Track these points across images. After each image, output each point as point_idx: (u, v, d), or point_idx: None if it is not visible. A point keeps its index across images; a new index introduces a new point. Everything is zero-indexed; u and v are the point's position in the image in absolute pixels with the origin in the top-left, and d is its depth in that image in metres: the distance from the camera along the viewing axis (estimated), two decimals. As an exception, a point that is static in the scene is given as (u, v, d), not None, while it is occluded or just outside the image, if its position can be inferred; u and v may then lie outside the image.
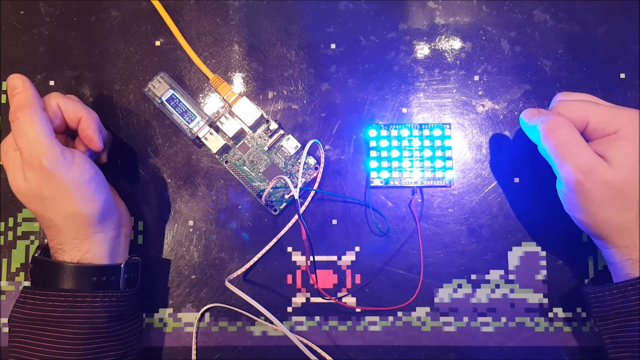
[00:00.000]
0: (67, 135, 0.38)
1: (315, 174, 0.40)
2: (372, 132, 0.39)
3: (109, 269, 0.35)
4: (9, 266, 0.40)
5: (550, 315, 0.39)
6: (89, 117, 0.36)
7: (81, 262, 0.34)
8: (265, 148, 0.40)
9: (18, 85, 0.34)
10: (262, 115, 0.40)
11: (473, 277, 0.39)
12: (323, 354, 0.39)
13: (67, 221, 0.34)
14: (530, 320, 0.39)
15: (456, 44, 0.41)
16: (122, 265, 0.36)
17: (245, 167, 0.40)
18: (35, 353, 0.33)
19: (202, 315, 0.40)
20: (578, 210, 0.33)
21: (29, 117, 0.33)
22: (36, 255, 0.35)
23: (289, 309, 0.40)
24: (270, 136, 0.40)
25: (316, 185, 0.40)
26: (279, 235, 0.40)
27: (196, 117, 0.39)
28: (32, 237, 0.40)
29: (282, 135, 0.40)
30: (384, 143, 0.40)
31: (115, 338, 0.35)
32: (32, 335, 0.33)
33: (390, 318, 0.39)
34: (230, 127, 0.40)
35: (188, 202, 0.40)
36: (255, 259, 0.39)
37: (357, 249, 0.40)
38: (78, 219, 0.34)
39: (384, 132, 0.40)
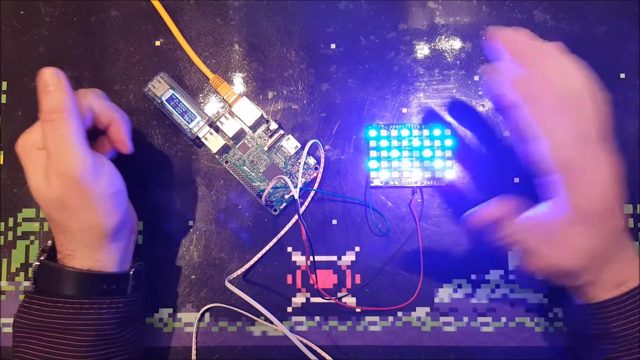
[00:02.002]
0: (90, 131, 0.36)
1: (315, 174, 0.40)
2: (372, 132, 0.39)
3: (119, 277, 0.35)
4: (9, 266, 0.40)
5: (550, 315, 0.39)
6: (121, 120, 0.35)
7: (91, 270, 0.33)
8: (265, 148, 0.40)
9: (53, 82, 0.31)
10: (262, 115, 0.40)
11: (473, 277, 0.39)
12: (323, 354, 0.39)
13: (84, 231, 0.33)
14: (530, 320, 0.39)
15: (456, 44, 0.41)
16: (131, 273, 0.35)
17: (245, 167, 0.40)
18: None
19: (202, 315, 0.40)
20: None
21: (64, 123, 0.31)
22: (42, 258, 0.34)
23: (289, 309, 0.40)
24: (270, 136, 0.40)
25: (316, 185, 0.40)
26: (279, 235, 0.40)
27: (196, 117, 0.39)
28: (32, 237, 0.40)
29: (282, 135, 0.40)
30: (384, 143, 0.40)
31: (121, 343, 0.34)
32: (38, 342, 0.33)
33: (390, 318, 0.39)
34: (230, 127, 0.40)
35: (188, 202, 0.40)
36: (255, 259, 0.39)
37: (357, 249, 0.40)
38: (96, 230, 0.33)
39: (384, 132, 0.40)
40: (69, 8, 0.42)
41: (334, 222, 0.40)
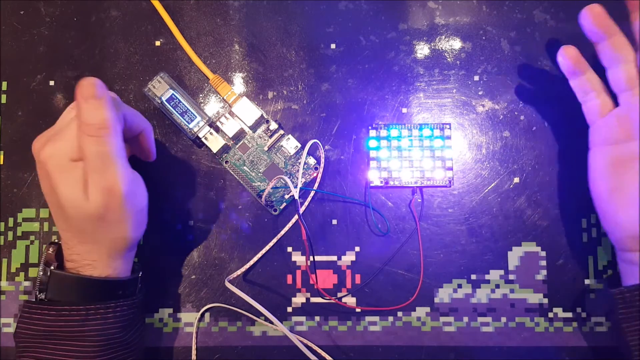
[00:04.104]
0: None
1: (315, 174, 0.40)
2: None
3: (130, 281, 0.35)
4: (9, 266, 0.40)
5: (550, 315, 0.39)
6: (150, 130, 0.35)
7: (109, 277, 0.33)
8: (265, 148, 0.40)
9: (96, 94, 0.30)
10: (262, 115, 0.40)
11: (473, 277, 0.40)
12: (323, 354, 0.39)
13: (113, 243, 0.33)
14: (530, 320, 0.39)
15: (456, 44, 0.41)
16: (139, 276, 0.36)
17: (245, 167, 0.40)
18: None
19: (202, 315, 0.40)
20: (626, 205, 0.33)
21: (110, 140, 0.30)
22: (52, 269, 0.33)
23: (289, 309, 0.40)
24: (270, 136, 0.40)
25: (316, 185, 0.40)
26: (279, 235, 0.40)
27: (196, 117, 0.39)
28: (32, 237, 0.40)
29: (282, 135, 0.40)
30: (384, 143, 0.40)
31: (127, 345, 0.34)
32: (43, 351, 0.32)
33: (390, 318, 0.39)
34: (230, 127, 0.40)
35: (188, 202, 0.40)
36: (255, 259, 0.39)
37: (357, 249, 0.40)
38: (124, 242, 0.33)
39: (383, 132, 0.40)
40: (69, 8, 0.42)
41: (334, 222, 0.40)
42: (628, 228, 0.34)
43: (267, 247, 0.39)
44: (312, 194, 0.40)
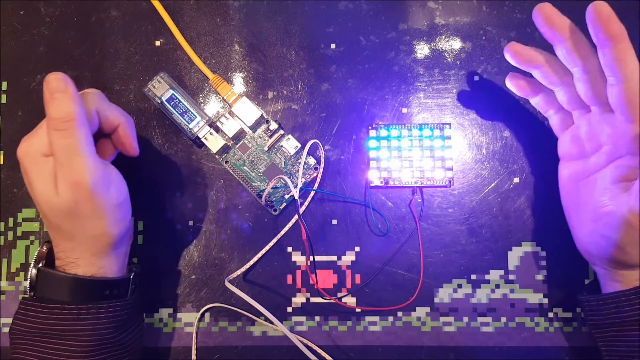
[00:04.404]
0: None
1: (315, 174, 0.40)
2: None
3: (121, 282, 0.35)
4: (9, 266, 0.40)
5: (550, 315, 0.39)
6: (128, 124, 0.35)
7: (94, 276, 0.33)
8: (265, 148, 0.40)
9: (60, 88, 0.31)
10: (262, 115, 0.40)
11: (473, 277, 0.40)
12: (323, 354, 0.39)
13: (92, 240, 0.33)
14: (530, 320, 0.39)
15: (456, 44, 0.41)
16: (131, 277, 0.35)
17: (245, 167, 0.40)
18: None
19: (202, 315, 0.40)
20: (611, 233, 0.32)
21: (75, 132, 0.30)
22: (40, 266, 0.33)
23: (289, 309, 0.40)
24: (270, 136, 0.40)
25: (316, 185, 0.40)
26: (279, 235, 0.40)
27: (196, 117, 0.39)
28: (32, 237, 0.40)
29: (282, 135, 0.40)
30: (384, 143, 0.40)
31: (121, 346, 0.34)
32: (36, 348, 0.32)
33: (390, 318, 0.39)
34: (230, 127, 0.40)
35: (188, 202, 0.40)
36: (255, 259, 0.39)
37: (357, 249, 0.40)
38: (104, 239, 0.33)
39: (383, 132, 0.40)
40: (69, 8, 0.42)
41: (334, 222, 0.40)
42: (582, 243, 0.35)
43: (267, 247, 0.39)
44: (312, 194, 0.40)
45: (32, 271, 0.33)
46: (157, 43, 0.41)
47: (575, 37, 0.32)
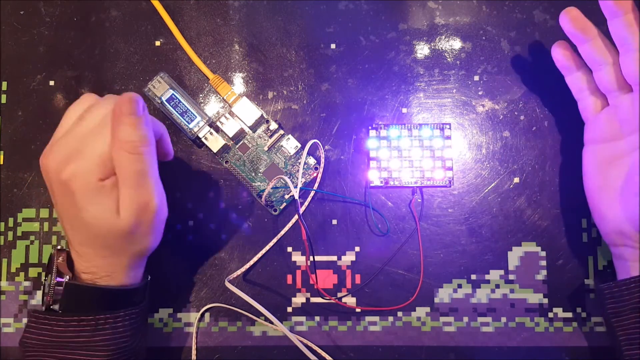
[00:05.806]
0: None
1: (315, 174, 0.40)
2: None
3: (141, 288, 0.35)
4: (9, 266, 0.40)
5: (550, 315, 0.39)
6: (167, 134, 0.35)
7: (124, 286, 0.33)
8: (265, 148, 0.40)
9: (137, 111, 0.30)
10: (262, 115, 0.40)
11: (473, 277, 0.40)
12: (323, 354, 0.39)
13: (135, 254, 0.33)
14: (530, 320, 0.39)
15: (456, 44, 0.41)
16: (148, 281, 0.36)
17: (245, 167, 0.40)
18: None
19: (202, 315, 0.40)
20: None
21: (149, 157, 0.30)
22: (68, 280, 0.32)
23: (289, 309, 0.40)
24: (270, 136, 0.40)
25: (316, 185, 0.40)
26: (279, 235, 0.40)
27: (196, 117, 0.39)
28: (32, 237, 0.40)
29: (282, 135, 0.40)
30: (384, 143, 0.40)
31: (135, 351, 0.34)
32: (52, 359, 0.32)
33: (390, 318, 0.39)
34: (230, 127, 0.40)
35: (188, 202, 0.40)
36: (255, 259, 0.39)
37: (357, 249, 0.40)
38: (145, 252, 0.33)
39: (383, 132, 0.40)
40: (69, 8, 0.42)
41: (334, 222, 0.40)
42: (614, 223, 0.35)
43: (267, 247, 0.39)
44: (312, 194, 0.40)
45: (55, 284, 0.32)
46: (157, 43, 0.41)
47: (635, 13, 0.33)
